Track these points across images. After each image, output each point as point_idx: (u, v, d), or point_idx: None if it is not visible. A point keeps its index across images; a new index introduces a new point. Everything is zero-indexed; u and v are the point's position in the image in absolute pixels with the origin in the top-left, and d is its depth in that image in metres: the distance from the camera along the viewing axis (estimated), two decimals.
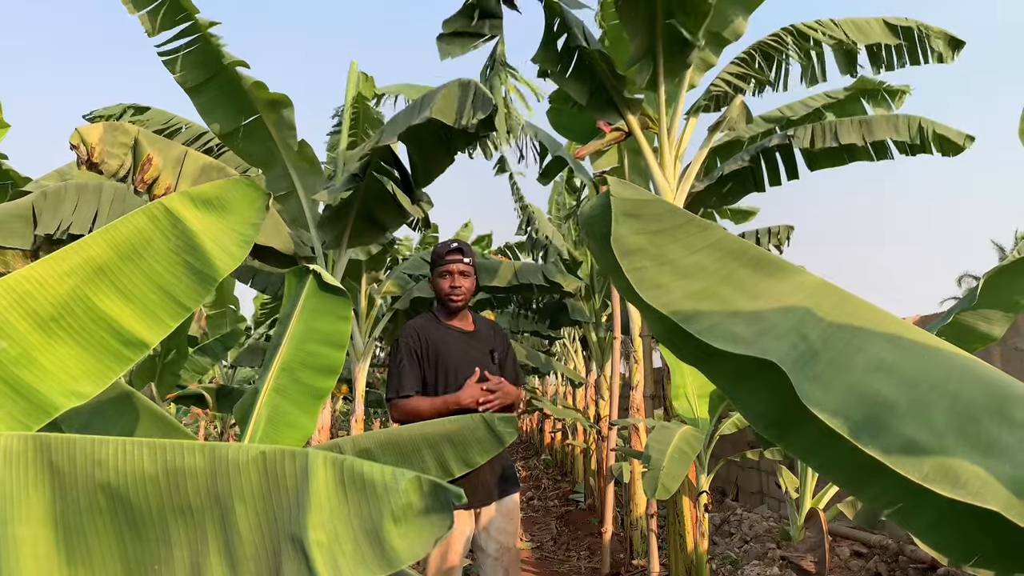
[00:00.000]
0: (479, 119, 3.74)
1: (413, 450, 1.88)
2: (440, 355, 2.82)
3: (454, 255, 2.90)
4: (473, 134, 4.18)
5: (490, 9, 3.79)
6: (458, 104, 3.82)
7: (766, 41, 4.48)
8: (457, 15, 3.84)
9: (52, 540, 0.97)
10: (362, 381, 5.73)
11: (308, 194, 5.02)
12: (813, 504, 4.18)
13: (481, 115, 3.73)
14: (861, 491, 1.03)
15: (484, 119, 3.80)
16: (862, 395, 0.92)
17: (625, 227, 1.11)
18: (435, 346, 2.84)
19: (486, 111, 3.74)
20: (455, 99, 3.85)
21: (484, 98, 3.78)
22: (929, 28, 4.49)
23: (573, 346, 11.57)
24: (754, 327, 1.00)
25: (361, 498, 0.94)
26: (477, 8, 3.77)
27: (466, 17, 3.81)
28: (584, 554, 6.44)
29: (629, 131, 4.31)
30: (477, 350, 2.86)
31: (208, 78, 4.40)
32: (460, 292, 2.89)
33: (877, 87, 5.37)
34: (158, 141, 4.25)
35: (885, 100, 5.38)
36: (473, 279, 2.95)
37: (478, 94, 3.81)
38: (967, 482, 0.84)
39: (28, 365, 1.28)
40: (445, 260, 2.90)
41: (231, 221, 1.57)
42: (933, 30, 4.50)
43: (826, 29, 4.39)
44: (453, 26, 3.83)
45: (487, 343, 2.93)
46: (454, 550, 2.70)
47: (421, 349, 2.84)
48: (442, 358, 2.82)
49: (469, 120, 3.71)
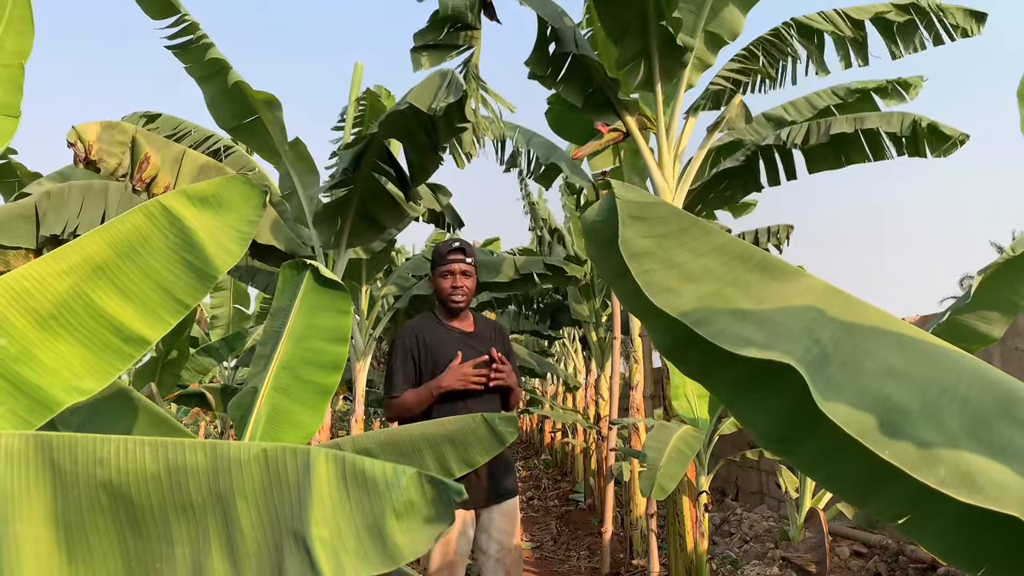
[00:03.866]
0: (449, 102, 3.72)
1: (413, 450, 1.87)
2: (436, 356, 2.80)
3: (456, 254, 2.87)
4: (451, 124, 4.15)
5: (467, 22, 3.76)
6: (433, 91, 3.81)
7: (767, 36, 4.45)
8: (428, 28, 3.80)
9: (53, 539, 0.97)
10: (362, 381, 5.73)
11: (306, 192, 5.04)
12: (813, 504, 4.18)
13: (452, 99, 3.71)
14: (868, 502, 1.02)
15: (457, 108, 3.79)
16: (874, 399, 0.91)
17: (632, 230, 1.10)
18: (432, 346, 2.82)
19: (457, 95, 3.72)
20: (431, 86, 3.85)
21: (456, 84, 3.77)
22: (941, 4, 4.39)
23: (573, 346, 11.58)
24: (766, 330, 0.99)
25: (363, 494, 0.94)
26: (449, 21, 3.74)
27: (438, 30, 3.78)
28: (584, 554, 6.43)
29: (627, 132, 4.30)
30: (475, 351, 2.82)
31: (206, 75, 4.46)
32: (461, 292, 2.86)
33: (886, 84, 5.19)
34: (156, 140, 4.26)
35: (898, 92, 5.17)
36: (475, 279, 2.93)
37: (452, 80, 3.80)
38: (984, 487, 0.83)
39: (28, 362, 1.28)
40: (447, 259, 2.88)
41: (229, 218, 1.57)
42: (946, 6, 4.40)
43: (830, 18, 4.35)
44: (425, 39, 3.80)
45: (486, 344, 2.90)
46: (453, 549, 2.70)
47: (417, 349, 2.82)
48: (439, 359, 2.79)
49: (439, 104, 3.70)
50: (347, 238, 5.04)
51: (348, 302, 2.16)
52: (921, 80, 5.12)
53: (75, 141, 3.90)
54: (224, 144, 5.25)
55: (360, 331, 5.90)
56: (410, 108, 3.80)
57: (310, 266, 2.14)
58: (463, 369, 2.70)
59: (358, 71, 5.64)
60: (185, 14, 4.26)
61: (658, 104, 4.15)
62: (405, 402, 2.75)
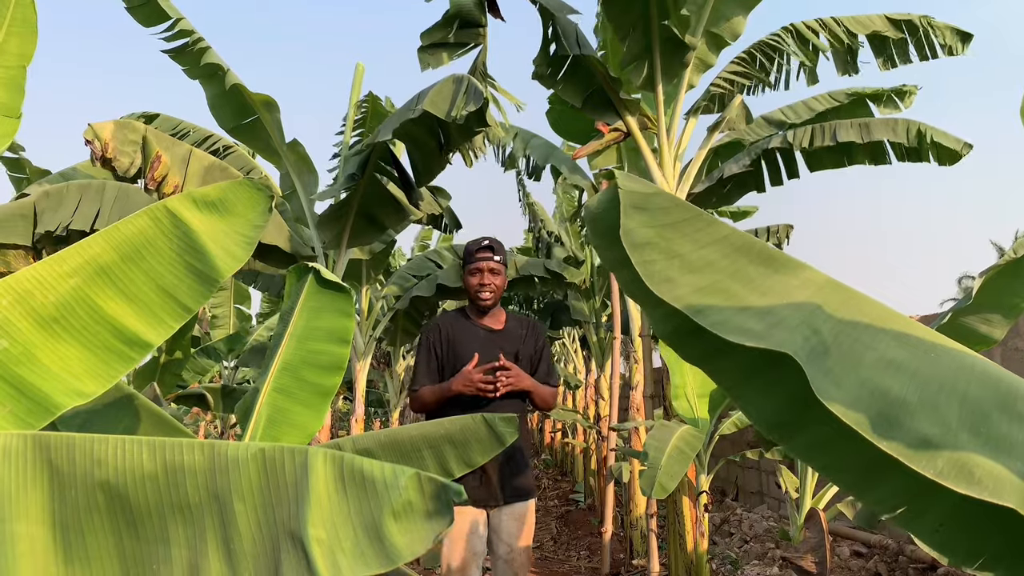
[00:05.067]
0: (470, 111, 3.72)
1: (413, 450, 1.88)
2: (457, 352, 2.84)
3: (484, 252, 2.90)
4: (467, 129, 4.16)
5: (473, 19, 3.76)
6: (450, 98, 3.80)
7: (766, 40, 4.47)
8: (437, 26, 3.79)
9: (50, 539, 0.97)
10: (362, 381, 5.74)
11: (306, 193, 5.05)
12: (813, 504, 4.18)
13: (472, 107, 3.71)
14: (865, 493, 1.03)
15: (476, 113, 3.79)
16: (874, 391, 0.92)
17: (634, 220, 1.11)
18: (455, 343, 2.86)
19: (478, 103, 3.72)
20: (448, 93, 3.83)
21: (476, 91, 3.77)
22: (933, 22, 4.49)
23: (573, 346, 11.57)
24: (765, 321, 1.00)
25: (361, 495, 0.95)
26: (457, 19, 3.73)
27: (446, 28, 3.78)
28: (584, 554, 6.44)
29: (628, 132, 4.31)
30: (499, 348, 2.82)
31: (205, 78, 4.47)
32: (489, 289, 2.88)
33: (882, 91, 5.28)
34: (164, 139, 4.28)
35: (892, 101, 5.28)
36: (504, 277, 2.95)
37: (470, 87, 3.80)
38: (981, 478, 0.84)
39: (30, 364, 1.29)
40: (475, 257, 2.90)
41: (233, 223, 1.58)
42: (937, 24, 4.50)
43: (828, 26, 4.39)
44: (433, 37, 3.79)
45: (514, 342, 2.90)
46: (462, 546, 2.69)
47: (440, 344, 2.88)
48: (459, 355, 2.83)
49: (459, 112, 3.70)
50: (348, 239, 5.04)
51: (350, 303, 2.16)
52: (916, 88, 5.24)
53: (92, 139, 3.92)
54: (224, 144, 5.26)
55: (360, 332, 5.90)
56: (424, 115, 3.79)
57: (312, 268, 2.15)
58: (472, 375, 2.71)
59: (359, 73, 5.64)
60: (179, 19, 4.24)
61: (659, 104, 4.16)
62: (424, 396, 2.81)
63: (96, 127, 3.96)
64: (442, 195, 5.85)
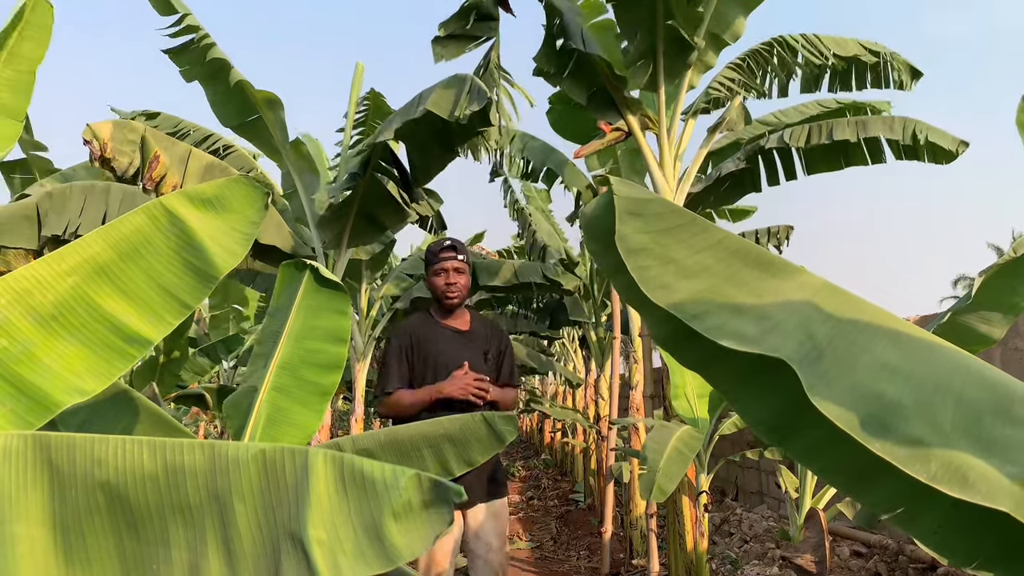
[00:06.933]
0: (473, 111, 3.71)
1: (413, 450, 1.88)
2: (429, 354, 2.83)
3: (448, 252, 2.90)
4: (470, 129, 4.16)
5: (487, 11, 3.77)
6: (454, 97, 3.80)
7: (757, 49, 4.55)
8: (454, 17, 3.81)
9: (50, 539, 0.97)
10: (362, 381, 5.74)
11: (307, 193, 5.04)
12: (813, 504, 4.18)
13: (476, 107, 3.71)
14: (863, 495, 1.03)
15: (479, 113, 3.79)
16: (868, 395, 0.92)
17: (629, 226, 1.11)
18: (425, 345, 2.85)
19: (481, 103, 3.72)
20: (451, 93, 3.83)
21: (479, 91, 3.76)
22: (895, 56, 4.72)
23: (572, 346, 11.57)
24: (760, 326, 1.00)
25: (361, 495, 0.95)
26: (474, 10, 3.74)
27: (463, 19, 3.79)
28: (584, 554, 6.43)
29: (629, 131, 4.31)
30: (469, 349, 2.85)
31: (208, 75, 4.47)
32: (455, 289, 2.88)
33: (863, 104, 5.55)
34: (163, 139, 4.27)
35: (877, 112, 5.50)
36: (468, 276, 2.95)
37: (473, 87, 3.80)
38: (975, 482, 0.84)
39: (29, 362, 1.28)
40: (439, 258, 2.90)
41: (231, 220, 1.58)
42: (898, 59, 4.73)
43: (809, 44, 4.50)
44: (449, 28, 3.80)
45: (481, 343, 2.92)
46: (442, 550, 2.70)
47: (411, 348, 2.85)
48: (431, 357, 2.82)
49: (463, 112, 3.69)
50: (348, 238, 5.04)
51: (347, 303, 2.16)
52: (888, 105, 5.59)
53: (91, 139, 3.91)
54: (224, 143, 5.26)
55: (359, 331, 5.90)
56: (427, 115, 3.79)
57: (310, 266, 2.14)
58: (466, 380, 2.72)
59: (359, 71, 5.63)
60: (187, 14, 4.27)
61: (660, 104, 4.16)
62: (401, 400, 2.78)
63: (95, 127, 3.95)
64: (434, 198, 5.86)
